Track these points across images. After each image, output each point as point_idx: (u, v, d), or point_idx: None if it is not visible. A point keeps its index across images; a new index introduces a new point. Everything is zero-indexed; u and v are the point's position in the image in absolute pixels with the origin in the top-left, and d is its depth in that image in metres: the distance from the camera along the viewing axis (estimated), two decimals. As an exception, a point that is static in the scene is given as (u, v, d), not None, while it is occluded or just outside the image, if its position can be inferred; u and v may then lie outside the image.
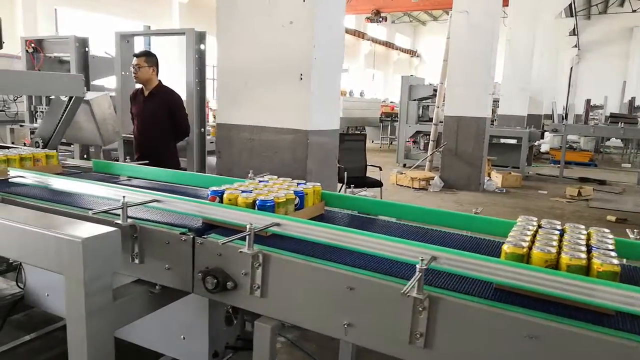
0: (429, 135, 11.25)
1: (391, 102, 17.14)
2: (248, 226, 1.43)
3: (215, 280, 1.52)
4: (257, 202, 1.66)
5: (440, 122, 9.24)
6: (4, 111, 8.55)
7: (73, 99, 2.75)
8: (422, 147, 11.71)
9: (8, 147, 2.88)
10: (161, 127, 3.86)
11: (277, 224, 1.53)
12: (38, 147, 2.99)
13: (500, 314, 1.16)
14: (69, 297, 1.52)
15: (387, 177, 8.48)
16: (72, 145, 5.71)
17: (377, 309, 1.30)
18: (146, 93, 3.92)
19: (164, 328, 2.22)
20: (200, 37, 4.87)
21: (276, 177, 2.08)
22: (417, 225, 1.91)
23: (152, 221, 1.72)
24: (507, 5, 11.79)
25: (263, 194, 1.72)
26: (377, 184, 6.20)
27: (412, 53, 30.12)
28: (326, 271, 1.38)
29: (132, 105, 4.05)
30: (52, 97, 3.27)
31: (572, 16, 20.15)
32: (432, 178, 8.41)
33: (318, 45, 2.89)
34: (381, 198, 6.37)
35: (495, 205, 7.35)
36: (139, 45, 5.89)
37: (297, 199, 1.77)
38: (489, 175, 8.94)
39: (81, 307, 1.49)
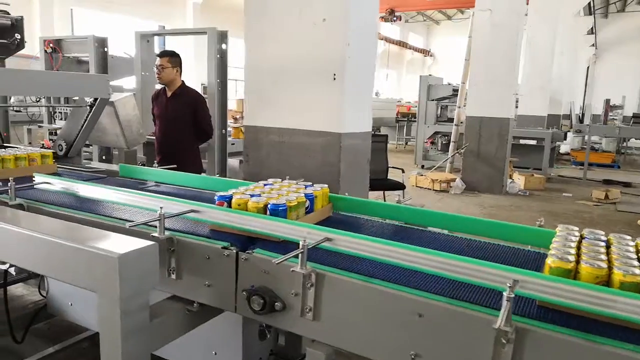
0: (448, 136, 11.06)
1: (407, 102, 16.92)
2: (301, 242, 1.29)
3: (262, 301, 1.39)
4: (268, 206, 1.56)
5: (461, 122, 9.04)
6: (20, 111, 8.54)
7: (98, 100, 2.64)
8: (439, 148, 11.50)
9: (5, 147, 2.82)
10: (184, 128, 3.75)
11: (329, 239, 1.39)
12: (61, 150, 2.89)
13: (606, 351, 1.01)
14: (102, 316, 1.40)
15: (407, 179, 8.30)
16: (90, 147, 5.64)
17: (451, 339, 1.15)
18: (169, 94, 3.81)
19: (196, 343, 2.10)
20: (222, 36, 4.76)
21: (280, 179, 1.98)
22: (467, 238, 1.77)
23: (190, 233, 1.59)
24: (527, 3, 11.53)
25: (273, 197, 1.63)
26: (400, 186, 6.03)
27: (426, 53, 29.82)
28: (391, 295, 1.24)
29: (154, 106, 3.93)
30: (75, 98, 3.17)
31: (590, 14, 19.76)
32: (454, 180, 8.22)
33: (352, 43, 2.75)
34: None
35: (520, 209, 7.14)
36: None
37: (308, 202, 1.70)
38: (510, 177, 8.72)
39: (116, 328, 1.36)
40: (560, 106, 15.76)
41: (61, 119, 6.23)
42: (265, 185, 1.87)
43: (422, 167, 10.77)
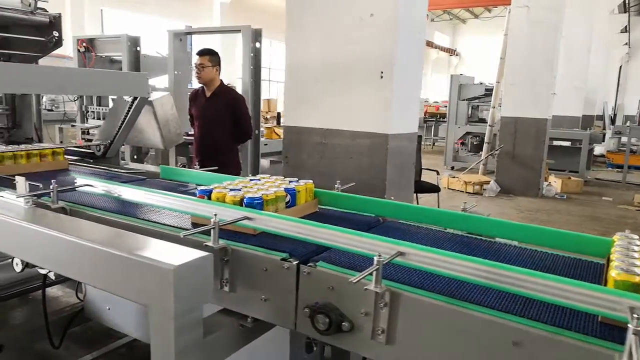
0: (479, 136, 10.77)
1: (434, 102, 16.61)
2: (376, 258, 1.15)
3: (328, 320, 1.25)
4: (244, 200, 1.58)
5: (494, 123, 8.78)
6: (52, 110, 8.64)
7: (138, 99, 2.56)
8: (469, 149, 11.21)
9: (19, 143, 2.80)
10: (224, 129, 3.65)
11: (402, 253, 1.25)
12: (99, 150, 2.83)
13: None
14: (155, 332, 1.29)
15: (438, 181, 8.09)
16: (122, 147, 5.62)
17: (554, 373, 1.00)
18: (208, 94, 3.71)
19: (242, 357, 1.99)
20: (256, 34, 4.67)
21: (268, 175, 1.98)
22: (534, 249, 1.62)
23: (246, 243, 1.47)
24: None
25: (252, 192, 1.64)
26: (435, 188, 5.84)
27: (452, 52, 29.33)
28: (481, 320, 1.09)
29: (192, 106, 3.85)
30: (114, 97, 3.11)
31: (625, 12, 19.07)
32: (487, 182, 7.97)
33: (401, 39, 2.60)
34: (438, 205, 6.01)
35: (559, 213, 6.86)
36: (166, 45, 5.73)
37: (289, 197, 1.72)
38: (546, 179, 8.41)
39: (170, 344, 1.25)
40: (593, 107, 15.24)
41: (93, 118, 6.25)
42: (251, 180, 1.88)
43: (452, 168, 10.52)
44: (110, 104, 6.36)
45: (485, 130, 9.32)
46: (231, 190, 1.64)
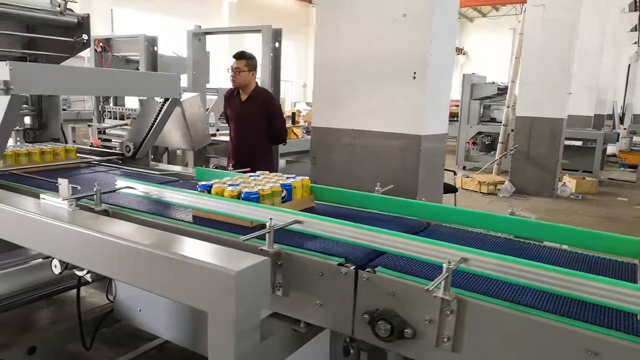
0: (491, 136, 10.71)
1: (443, 101, 16.50)
2: (446, 265, 1.13)
3: (389, 326, 1.24)
4: (242, 194, 1.67)
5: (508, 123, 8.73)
6: (65, 109, 8.66)
7: (170, 100, 2.55)
8: (481, 149, 11.15)
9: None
10: (259, 132, 3.64)
11: (465, 259, 1.23)
12: (129, 151, 2.82)
13: None
14: (214, 337, 1.28)
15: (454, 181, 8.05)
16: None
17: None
18: (243, 97, 3.69)
19: (281, 360, 1.98)
20: (276, 34, 4.65)
21: (267, 172, 2.07)
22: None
23: (299, 247, 1.46)
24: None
25: (249, 187, 1.73)
26: (452, 189, 5.80)
27: (459, 51, 29.20)
28: (554, 328, 1.07)
29: (227, 107, 3.83)
30: (142, 98, 3.10)
31: (635, 10, 18.90)
32: (502, 182, 7.92)
33: (435, 39, 2.58)
34: (455, 204, 5.97)
35: (576, 214, 6.81)
36: (177, 44, 5.70)
37: (285, 192, 1.80)
38: (560, 179, 8.35)
39: (229, 350, 1.24)
40: (604, 106, 15.12)
41: (110, 118, 6.26)
42: (250, 176, 1.97)
43: (464, 168, 10.47)
44: (127, 104, 6.38)
45: (497, 129, 9.26)
46: (230, 185, 1.74)
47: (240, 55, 3.68)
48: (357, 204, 1.96)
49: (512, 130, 8.81)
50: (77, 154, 3.08)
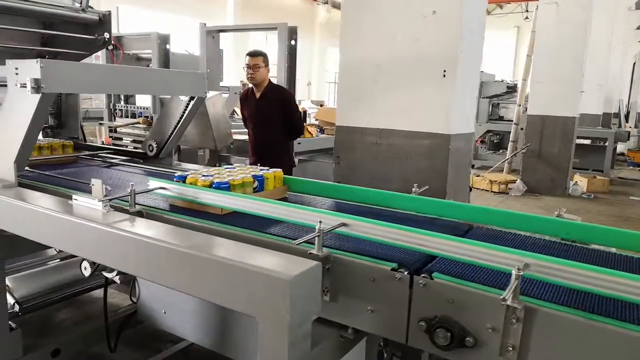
0: (499, 134, 10.65)
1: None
2: (515, 272, 1.09)
3: (449, 334, 1.19)
4: (213, 184, 1.77)
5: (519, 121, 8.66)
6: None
7: (195, 99, 2.50)
8: (489, 148, 11.09)
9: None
10: (276, 128, 3.62)
11: (527, 265, 1.18)
12: (152, 151, 2.78)
13: None
14: (265, 344, 1.23)
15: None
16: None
17: None
18: (258, 94, 3.66)
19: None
20: (292, 32, 4.60)
21: (245, 165, 2.19)
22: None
23: (348, 251, 1.41)
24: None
25: (222, 177, 1.83)
26: (466, 188, 5.75)
27: (464, 48, 29.08)
28: (632, 338, 1.02)
29: (244, 107, 3.80)
30: (165, 97, 3.06)
31: (641, 8, 18.78)
32: (513, 181, 7.87)
33: (465, 37, 2.53)
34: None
35: (589, 213, 6.75)
36: (183, 42, 5.66)
37: (256, 182, 1.91)
38: (571, 179, 8.30)
39: (283, 358, 1.20)
40: (611, 104, 15.03)
41: (121, 117, 6.22)
42: (226, 168, 2.06)
43: (473, 166, 10.40)
44: (138, 102, 6.33)
45: (505, 128, 9.18)
46: (203, 175, 1.85)
47: (258, 53, 3.66)
48: (329, 194, 2.08)
49: (521, 128, 8.76)
50: (98, 153, 3.04)
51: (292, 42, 4.64)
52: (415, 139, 2.66)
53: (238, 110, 8.97)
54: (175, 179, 1.90)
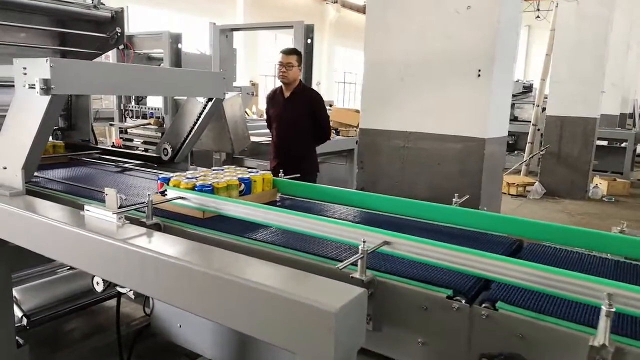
0: (514, 135, 10.41)
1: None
2: (605, 307, 0.92)
3: (519, 375, 1.03)
4: (196, 186, 1.72)
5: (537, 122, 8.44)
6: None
7: (213, 100, 2.35)
8: (503, 148, 10.85)
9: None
10: (303, 130, 3.46)
11: (610, 295, 1.01)
12: (166, 154, 2.63)
13: None
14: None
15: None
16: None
17: None
18: (287, 94, 3.51)
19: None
20: (308, 30, 4.45)
21: (234, 167, 2.11)
22: None
23: (391, 273, 1.25)
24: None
25: (207, 180, 1.78)
26: (486, 192, 5.56)
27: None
28: None
29: (270, 107, 3.65)
30: (180, 98, 2.92)
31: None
32: (531, 184, 7.66)
33: (501, 34, 2.36)
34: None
35: (611, 218, 6.53)
36: (191, 41, 5.54)
37: (243, 185, 1.86)
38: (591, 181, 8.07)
39: (325, 401, 1.04)
40: (627, 104, 14.72)
41: (132, 117, 6.10)
42: (213, 170, 2.02)
43: (487, 168, 10.19)
44: (149, 103, 6.21)
45: (520, 129, 8.95)
46: (187, 178, 1.80)
47: (292, 51, 3.51)
48: (327, 199, 2.01)
49: (538, 129, 8.54)
50: (109, 157, 2.91)
51: (309, 41, 4.49)
52: (446, 142, 2.50)
53: (248, 111, 8.81)
54: (159, 181, 1.85)
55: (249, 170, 2.08)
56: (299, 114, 3.43)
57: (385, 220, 1.80)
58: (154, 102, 6.07)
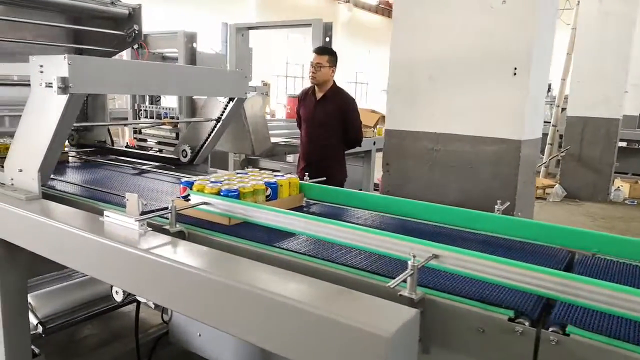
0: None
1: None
2: None
3: (595, 411, 0.91)
4: (221, 191, 1.63)
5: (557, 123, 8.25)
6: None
7: (235, 100, 2.26)
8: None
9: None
10: (333, 133, 3.37)
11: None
12: (185, 156, 2.54)
13: None
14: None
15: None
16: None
17: None
18: (319, 95, 3.41)
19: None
20: (327, 29, 4.34)
21: (257, 169, 2.04)
22: None
23: (442, 290, 1.14)
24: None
25: (231, 184, 1.70)
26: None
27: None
28: None
29: (301, 107, 3.55)
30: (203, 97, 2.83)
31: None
32: (551, 186, 7.48)
33: (539, 31, 2.23)
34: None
35: (635, 221, 6.35)
36: (203, 40, 5.46)
37: (270, 190, 1.78)
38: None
39: None
40: None
41: (146, 117, 6.03)
42: (238, 174, 1.94)
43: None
44: (163, 103, 6.14)
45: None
46: (211, 182, 1.72)
47: (323, 50, 3.41)
48: (355, 204, 1.90)
49: (557, 130, 8.35)
50: (126, 158, 2.83)
51: (327, 39, 4.38)
52: (480, 144, 2.37)
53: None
54: (181, 185, 1.78)
55: (274, 173, 1.98)
56: (328, 117, 3.33)
57: (419, 228, 1.69)
58: (169, 102, 6.00)
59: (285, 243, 1.44)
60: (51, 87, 1.65)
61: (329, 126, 3.35)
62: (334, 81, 3.51)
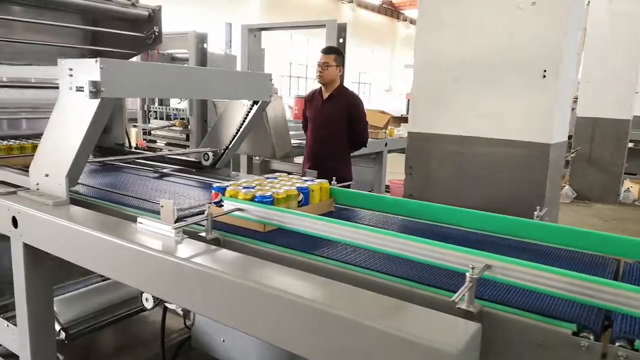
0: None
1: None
2: None
3: None
4: (255, 197, 1.61)
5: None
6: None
7: (260, 103, 2.22)
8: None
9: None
10: (338, 134, 3.34)
11: None
12: (207, 160, 2.51)
13: None
14: None
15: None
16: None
17: None
18: (325, 95, 3.39)
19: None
20: (340, 29, 4.31)
21: (286, 174, 2.00)
22: None
23: (497, 302, 1.11)
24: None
25: (264, 190, 1.69)
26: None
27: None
28: None
29: (307, 108, 3.53)
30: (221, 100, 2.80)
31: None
32: (561, 187, 7.43)
33: (569, 33, 2.20)
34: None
35: (648, 223, 6.30)
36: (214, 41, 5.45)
37: (301, 195, 1.75)
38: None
39: None
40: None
41: (155, 118, 6.01)
42: (267, 178, 1.92)
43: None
44: (172, 104, 6.12)
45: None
46: (244, 188, 1.69)
47: (330, 50, 3.39)
48: (386, 209, 1.87)
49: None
50: (145, 161, 2.79)
51: (341, 40, 4.35)
52: (508, 148, 2.34)
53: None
54: (213, 190, 1.74)
55: (303, 178, 1.95)
56: (334, 117, 3.31)
57: (455, 234, 1.65)
58: (178, 103, 5.99)
59: (325, 251, 1.41)
60: (82, 91, 1.62)
61: (335, 126, 3.35)
62: (341, 81, 3.48)
